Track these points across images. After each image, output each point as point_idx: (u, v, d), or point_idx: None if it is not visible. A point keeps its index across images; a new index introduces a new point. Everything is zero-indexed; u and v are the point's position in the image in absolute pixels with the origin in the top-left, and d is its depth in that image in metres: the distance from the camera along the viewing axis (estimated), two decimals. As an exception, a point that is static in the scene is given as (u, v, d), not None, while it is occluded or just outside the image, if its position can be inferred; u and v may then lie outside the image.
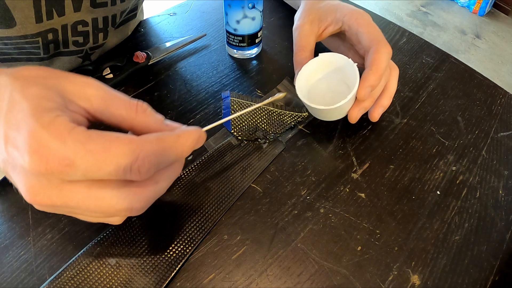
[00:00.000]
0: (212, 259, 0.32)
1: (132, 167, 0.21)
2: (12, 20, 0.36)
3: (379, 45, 0.37)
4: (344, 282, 0.31)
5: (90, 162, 0.20)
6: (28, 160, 0.20)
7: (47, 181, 0.21)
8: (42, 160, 0.20)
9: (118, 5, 0.43)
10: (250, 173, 0.37)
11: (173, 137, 0.24)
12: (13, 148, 0.20)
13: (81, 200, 0.22)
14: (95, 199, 0.22)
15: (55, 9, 0.38)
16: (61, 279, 0.29)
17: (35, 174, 0.20)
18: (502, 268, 0.32)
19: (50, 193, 0.21)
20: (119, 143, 0.21)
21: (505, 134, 0.43)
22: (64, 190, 0.21)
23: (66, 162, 0.20)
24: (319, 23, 0.43)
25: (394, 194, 0.37)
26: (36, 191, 0.21)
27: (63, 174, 0.20)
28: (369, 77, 0.36)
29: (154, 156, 0.22)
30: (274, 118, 0.42)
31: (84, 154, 0.20)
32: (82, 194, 0.21)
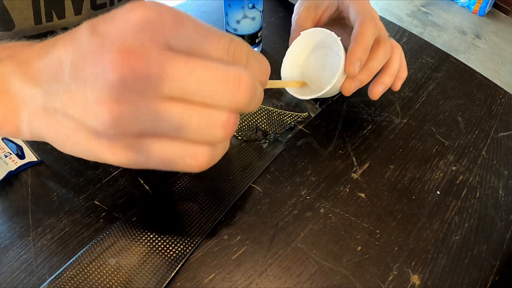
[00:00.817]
0: (212, 259, 0.32)
1: (229, 47, 0.19)
2: (11, 22, 0.35)
3: (364, 18, 0.36)
4: (344, 282, 0.31)
5: (197, 26, 0.18)
6: (137, 7, 0.17)
7: (148, 39, 0.17)
8: (157, 10, 0.17)
9: (116, 5, 0.43)
10: (250, 173, 0.37)
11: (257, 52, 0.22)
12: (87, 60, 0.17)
13: (185, 67, 0.17)
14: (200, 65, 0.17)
15: (55, 11, 0.38)
16: (61, 279, 0.29)
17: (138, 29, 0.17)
18: (502, 268, 0.32)
19: (149, 53, 0.17)
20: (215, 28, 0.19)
21: (505, 134, 0.43)
22: (165, 54, 0.17)
23: (179, 17, 0.17)
24: (316, 9, 0.43)
25: (394, 194, 0.37)
26: (133, 50, 0.16)
27: (173, 33, 0.17)
28: (355, 51, 0.34)
29: (246, 45, 0.20)
30: (274, 118, 0.42)
31: (192, 20, 0.18)
32: (185, 61, 0.17)
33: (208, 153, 0.20)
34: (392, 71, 0.39)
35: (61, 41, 0.19)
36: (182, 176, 0.36)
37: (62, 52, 0.19)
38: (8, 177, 0.35)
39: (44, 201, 0.34)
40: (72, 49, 0.18)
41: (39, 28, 0.38)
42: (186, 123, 0.18)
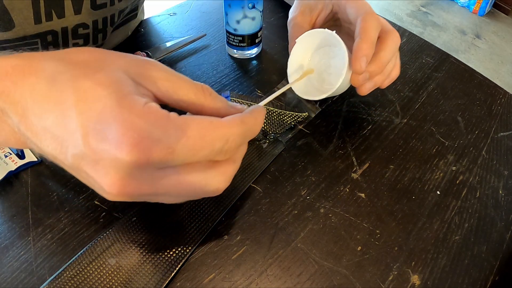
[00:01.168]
0: (212, 259, 0.32)
1: (222, 149, 0.21)
2: (11, 22, 0.35)
3: (366, 14, 0.36)
4: (344, 282, 0.31)
5: (189, 148, 0.20)
6: (126, 152, 0.18)
7: (139, 172, 0.19)
8: (146, 151, 0.18)
9: (116, 4, 0.43)
10: (250, 173, 0.37)
11: (252, 119, 0.24)
12: (99, 141, 0.18)
13: (172, 186, 0.21)
14: (186, 184, 0.21)
15: (55, 11, 0.37)
16: (61, 279, 0.29)
17: (130, 166, 0.19)
18: (502, 268, 0.32)
19: (140, 183, 0.20)
20: (212, 127, 0.21)
21: (505, 134, 0.43)
22: (155, 178, 0.20)
23: (169, 151, 0.19)
24: (311, 13, 0.43)
25: (394, 194, 0.37)
26: (127, 183, 0.19)
27: (163, 163, 0.19)
28: (361, 47, 0.34)
29: (239, 137, 0.23)
30: (274, 118, 0.42)
31: (185, 141, 0.20)
32: (173, 181, 0.21)
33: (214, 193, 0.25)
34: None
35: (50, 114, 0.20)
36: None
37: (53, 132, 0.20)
38: (8, 177, 0.35)
39: (44, 201, 0.34)
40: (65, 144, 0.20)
41: (39, 28, 0.38)
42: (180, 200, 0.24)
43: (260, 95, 0.45)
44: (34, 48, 0.40)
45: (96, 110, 0.18)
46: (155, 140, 0.19)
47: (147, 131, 0.19)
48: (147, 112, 0.19)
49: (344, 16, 0.40)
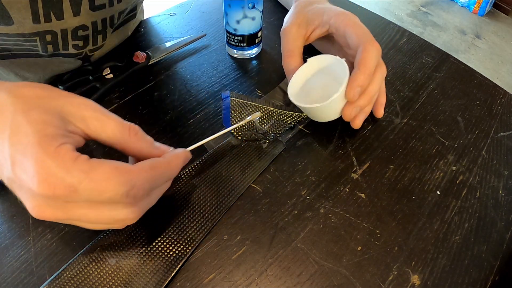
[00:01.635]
0: (212, 259, 0.32)
1: (128, 193, 0.24)
2: (10, 18, 0.35)
3: (367, 44, 0.37)
4: (344, 282, 0.31)
5: (92, 190, 0.22)
6: (36, 185, 0.22)
7: (53, 202, 0.23)
8: (50, 187, 0.22)
9: (115, 6, 0.43)
10: (250, 173, 0.37)
11: (165, 163, 0.27)
12: (21, 171, 0.22)
13: (83, 215, 0.24)
14: (96, 214, 0.24)
15: (53, 12, 0.37)
16: (61, 279, 0.29)
17: (42, 197, 0.22)
18: (502, 268, 0.32)
19: (55, 210, 0.23)
20: (118, 172, 0.23)
21: (505, 134, 0.43)
22: (68, 207, 0.23)
23: (71, 189, 0.22)
24: (307, 26, 0.43)
25: (394, 194, 0.37)
26: (43, 209, 0.23)
27: (68, 198, 0.22)
28: (358, 77, 0.35)
29: (148, 183, 0.25)
30: (274, 118, 0.42)
31: (87, 183, 0.22)
32: (84, 210, 0.24)
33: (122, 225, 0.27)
34: (383, 89, 0.41)
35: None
36: (182, 176, 0.36)
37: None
38: (8, 177, 0.35)
39: (44, 201, 0.34)
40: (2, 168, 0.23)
41: (38, 27, 0.38)
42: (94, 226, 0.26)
43: (260, 95, 0.45)
44: (33, 44, 0.40)
45: (22, 144, 0.22)
46: (59, 179, 0.22)
47: (54, 171, 0.22)
48: (57, 153, 0.22)
49: (341, 39, 0.41)
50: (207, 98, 0.45)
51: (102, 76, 0.45)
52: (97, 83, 0.44)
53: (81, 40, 0.43)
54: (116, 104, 0.44)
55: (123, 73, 0.46)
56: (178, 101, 0.44)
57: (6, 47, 0.40)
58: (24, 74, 0.45)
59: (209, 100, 0.45)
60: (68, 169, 0.22)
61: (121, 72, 0.46)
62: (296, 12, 0.44)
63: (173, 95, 0.45)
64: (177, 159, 0.29)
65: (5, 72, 0.44)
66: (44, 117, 0.23)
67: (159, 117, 0.42)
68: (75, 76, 0.45)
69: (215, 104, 0.44)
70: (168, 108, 0.43)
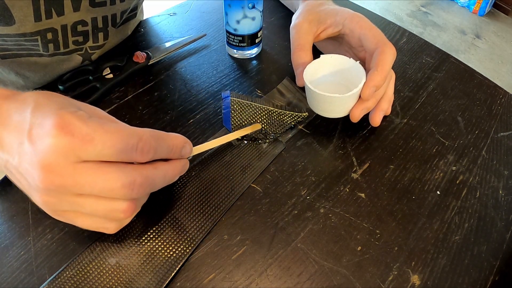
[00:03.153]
0: (212, 259, 0.32)
1: (137, 145, 0.25)
2: (11, 18, 0.36)
3: (385, 47, 0.38)
4: (344, 282, 0.31)
5: (106, 139, 0.23)
6: (55, 134, 0.23)
7: (64, 159, 0.23)
8: (68, 133, 0.23)
9: (117, 4, 0.43)
10: (250, 173, 0.37)
11: (165, 133, 0.28)
12: (37, 130, 0.23)
13: (91, 177, 0.24)
14: (103, 174, 0.24)
15: (54, 9, 0.38)
16: (61, 279, 0.29)
17: (56, 149, 0.23)
18: (502, 268, 0.32)
19: (63, 170, 0.23)
20: (127, 127, 0.25)
21: (505, 134, 0.43)
22: (76, 168, 0.23)
23: (88, 138, 0.23)
24: (318, 24, 0.43)
25: (394, 194, 0.37)
26: (52, 168, 0.23)
27: (83, 150, 0.23)
28: (375, 77, 0.36)
29: (154, 139, 0.26)
30: (274, 118, 0.42)
31: (102, 133, 0.23)
32: (92, 171, 0.24)
33: (115, 226, 0.28)
34: (390, 98, 0.41)
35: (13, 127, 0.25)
36: (182, 176, 0.36)
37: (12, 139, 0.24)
38: (8, 177, 0.35)
39: (44, 201, 0.34)
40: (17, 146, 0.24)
41: (39, 25, 0.38)
42: (96, 209, 0.25)
43: (260, 95, 0.45)
44: (34, 44, 0.40)
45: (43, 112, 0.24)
46: (77, 127, 0.23)
47: (73, 121, 0.23)
48: (75, 112, 0.24)
49: (354, 41, 0.41)
50: (207, 98, 0.45)
51: (102, 76, 0.45)
52: (97, 83, 0.44)
53: (80, 35, 0.43)
54: (116, 104, 0.44)
55: (123, 73, 0.46)
56: (178, 101, 0.44)
57: (7, 47, 0.40)
58: (24, 73, 0.45)
59: (209, 100, 0.45)
60: (85, 121, 0.23)
61: (121, 72, 0.46)
62: (306, 10, 0.44)
63: (173, 95, 0.45)
64: (177, 136, 0.29)
65: (6, 72, 0.44)
66: (65, 100, 0.26)
67: (159, 117, 0.42)
68: (75, 76, 0.45)
69: (215, 104, 0.44)
70: (168, 108, 0.43)
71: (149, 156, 0.26)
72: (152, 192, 0.29)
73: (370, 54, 0.39)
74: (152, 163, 0.27)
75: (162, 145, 0.27)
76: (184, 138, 0.30)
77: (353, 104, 0.38)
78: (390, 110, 0.42)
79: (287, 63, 0.49)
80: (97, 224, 0.27)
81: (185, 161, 0.31)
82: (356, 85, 0.37)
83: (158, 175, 0.27)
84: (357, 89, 0.36)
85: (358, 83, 0.37)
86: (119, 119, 0.42)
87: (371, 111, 0.40)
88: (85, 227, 0.27)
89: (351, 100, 0.38)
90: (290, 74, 0.46)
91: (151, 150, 0.26)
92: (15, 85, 0.45)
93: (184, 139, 0.30)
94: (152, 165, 0.27)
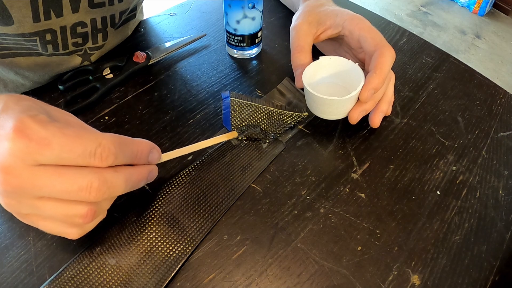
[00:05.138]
0: (212, 259, 0.32)
1: (96, 151, 0.25)
2: (10, 18, 0.36)
3: (384, 49, 0.38)
4: (344, 282, 0.31)
5: (64, 144, 0.24)
6: (12, 137, 0.23)
7: (21, 161, 0.23)
8: (25, 137, 0.23)
9: (116, 5, 0.43)
10: (250, 173, 0.37)
11: (130, 138, 0.28)
12: (0, 131, 0.24)
13: (48, 179, 0.24)
14: (60, 176, 0.24)
15: (53, 10, 0.38)
16: (61, 279, 0.29)
17: (13, 152, 0.23)
18: (502, 268, 0.32)
19: (21, 172, 0.23)
20: (87, 131, 0.25)
21: (505, 134, 0.43)
22: (34, 170, 0.24)
23: (45, 142, 0.23)
24: (318, 26, 0.43)
25: (394, 194, 0.37)
26: (10, 170, 0.23)
27: (40, 153, 0.23)
28: (373, 80, 0.36)
29: (113, 145, 0.26)
30: (274, 118, 0.42)
31: (60, 136, 0.24)
32: (50, 174, 0.24)
33: (76, 232, 0.27)
34: (389, 100, 0.41)
35: None
36: (182, 176, 0.36)
37: None
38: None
39: (44, 201, 0.34)
40: None
41: (38, 26, 0.38)
42: (55, 213, 0.25)
43: (260, 95, 0.45)
44: (33, 44, 0.40)
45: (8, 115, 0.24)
46: (35, 131, 0.23)
47: (31, 125, 0.23)
48: (36, 116, 0.24)
49: (354, 42, 0.42)
50: (207, 98, 0.45)
51: (102, 76, 0.45)
52: (97, 83, 0.44)
53: (80, 37, 0.43)
54: (116, 104, 0.44)
55: (123, 73, 0.46)
56: (178, 101, 0.44)
57: (6, 46, 0.40)
58: (24, 73, 0.45)
59: (209, 100, 0.45)
60: (45, 125, 0.24)
61: (121, 72, 0.46)
62: (306, 11, 0.44)
63: (173, 95, 0.45)
64: (142, 140, 0.29)
65: (5, 71, 0.44)
66: (33, 104, 0.26)
67: (159, 117, 0.42)
68: (75, 76, 0.45)
69: (215, 104, 0.44)
70: (168, 108, 0.43)
71: (109, 162, 0.25)
72: (116, 197, 0.28)
73: (369, 56, 0.39)
74: (114, 167, 0.26)
75: (124, 150, 0.27)
76: (151, 144, 0.30)
77: (352, 106, 0.38)
78: (390, 110, 0.42)
79: (287, 63, 0.49)
80: (58, 228, 0.27)
81: (152, 167, 0.30)
82: (355, 87, 0.37)
83: (119, 179, 0.26)
84: (355, 92, 0.36)
85: (357, 85, 0.37)
86: (119, 119, 0.42)
87: (371, 112, 0.40)
88: (47, 231, 0.27)
89: (350, 103, 0.38)
90: (290, 74, 0.46)
91: (110, 155, 0.25)
92: (15, 84, 0.45)
93: (150, 145, 0.29)
94: (113, 168, 0.26)
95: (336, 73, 0.41)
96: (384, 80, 0.37)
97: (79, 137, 0.24)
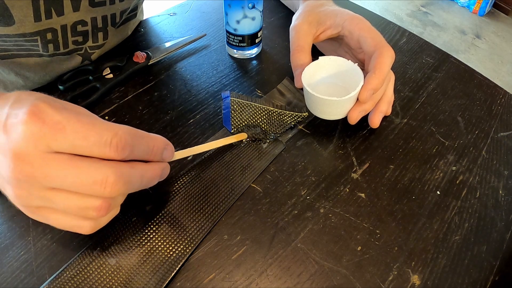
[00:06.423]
0: (212, 259, 0.32)
1: (112, 140, 0.24)
2: (11, 18, 0.36)
3: (383, 49, 0.38)
4: (344, 282, 0.31)
5: (78, 130, 0.23)
6: (26, 120, 0.22)
7: (34, 147, 0.22)
8: (39, 120, 0.22)
9: (117, 4, 0.43)
10: (250, 173, 0.37)
11: (145, 132, 0.27)
12: (12, 118, 0.23)
13: (61, 170, 0.23)
14: (74, 168, 0.23)
15: (54, 9, 0.38)
16: (61, 279, 0.29)
17: (26, 136, 0.22)
18: (502, 268, 0.32)
19: (33, 159, 0.22)
20: (103, 121, 0.24)
21: (505, 134, 0.43)
22: (47, 158, 0.23)
23: (59, 126, 0.22)
24: (318, 26, 0.43)
25: (394, 194, 0.37)
26: (22, 156, 0.22)
27: (53, 138, 0.22)
28: (372, 80, 0.36)
29: (130, 136, 0.25)
30: (274, 118, 0.42)
31: (74, 122, 0.23)
32: (63, 164, 0.23)
33: (90, 225, 0.26)
34: (389, 100, 0.41)
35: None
36: (182, 176, 0.36)
37: None
38: (8, 177, 0.35)
39: (44, 201, 0.34)
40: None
41: (39, 26, 0.38)
42: (68, 205, 0.24)
43: (260, 95, 0.45)
44: (34, 44, 0.40)
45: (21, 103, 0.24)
46: (49, 115, 0.23)
47: (46, 109, 0.23)
48: (52, 101, 0.24)
49: (353, 43, 0.42)
50: (207, 98, 0.45)
51: (102, 76, 0.45)
52: (97, 83, 0.44)
53: (80, 35, 0.43)
54: (116, 104, 0.44)
55: (123, 73, 0.46)
56: (178, 101, 0.44)
57: (7, 48, 0.40)
58: (24, 73, 0.45)
59: (209, 100, 0.45)
60: (59, 110, 0.23)
61: (121, 72, 0.46)
62: (306, 11, 0.44)
63: (173, 95, 0.45)
64: (157, 136, 0.28)
65: (6, 72, 0.44)
66: (46, 96, 0.25)
67: (159, 117, 0.42)
68: (75, 76, 0.45)
69: (215, 104, 0.44)
70: (168, 108, 0.43)
71: (125, 154, 0.24)
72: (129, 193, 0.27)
73: (368, 56, 0.39)
74: (130, 162, 0.26)
75: (140, 143, 0.26)
76: (165, 140, 0.29)
77: (351, 107, 0.38)
78: (390, 110, 0.42)
79: (287, 63, 0.49)
80: (71, 222, 0.25)
81: (165, 165, 0.29)
82: (354, 87, 0.37)
83: (134, 175, 0.26)
84: (354, 92, 0.36)
85: (357, 85, 0.37)
86: (119, 119, 0.42)
87: (370, 112, 0.40)
88: (59, 226, 0.26)
89: (349, 103, 0.38)
90: (290, 74, 0.46)
91: (127, 147, 0.24)
92: (15, 85, 0.45)
93: (165, 141, 0.28)
94: (129, 164, 0.25)
95: (335, 73, 0.42)
96: (383, 81, 0.37)
97: (95, 125, 0.23)
